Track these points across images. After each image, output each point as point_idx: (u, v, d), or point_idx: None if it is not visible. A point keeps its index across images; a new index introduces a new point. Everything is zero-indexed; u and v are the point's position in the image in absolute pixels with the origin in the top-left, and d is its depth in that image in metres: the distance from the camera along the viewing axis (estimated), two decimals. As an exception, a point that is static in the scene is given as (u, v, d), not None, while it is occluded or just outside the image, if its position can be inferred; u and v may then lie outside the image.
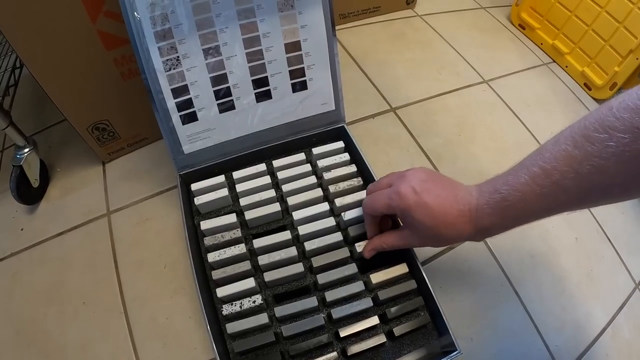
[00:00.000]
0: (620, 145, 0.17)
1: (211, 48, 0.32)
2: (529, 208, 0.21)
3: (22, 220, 0.43)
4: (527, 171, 0.21)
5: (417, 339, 0.31)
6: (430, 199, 0.24)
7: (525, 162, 0.22)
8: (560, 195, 0.20)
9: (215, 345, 0.28)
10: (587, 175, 0.19)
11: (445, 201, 0.24)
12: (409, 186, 0.25)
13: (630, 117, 0.17)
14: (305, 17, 0.34)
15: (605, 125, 0.18)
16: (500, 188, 0.22)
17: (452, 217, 0.24)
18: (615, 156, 0.17)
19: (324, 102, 0.38)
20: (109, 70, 0.37)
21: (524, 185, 0.21)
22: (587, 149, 0.18)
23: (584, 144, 0.19)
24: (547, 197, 0.20)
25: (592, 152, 0.18)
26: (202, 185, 0.35)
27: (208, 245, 0.32)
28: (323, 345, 0.29)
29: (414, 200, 0.25)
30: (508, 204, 0.22)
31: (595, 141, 0.18)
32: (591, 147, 0.18)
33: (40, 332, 0.35)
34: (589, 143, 0.18)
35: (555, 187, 0.20)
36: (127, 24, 0.30)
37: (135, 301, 0.36)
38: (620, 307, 0.41)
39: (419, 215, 0.25)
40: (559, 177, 0.20)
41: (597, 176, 0.18)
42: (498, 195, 0.22)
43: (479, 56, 0.62)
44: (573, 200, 0.20)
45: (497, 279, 0.40)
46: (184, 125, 0.34)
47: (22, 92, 0.46)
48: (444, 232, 0.25)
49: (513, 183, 0.22)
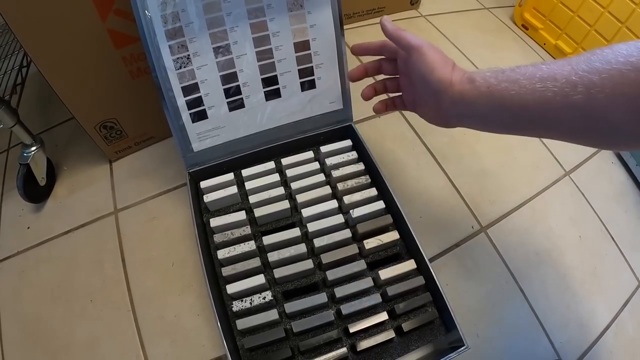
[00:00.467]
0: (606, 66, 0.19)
1: (221, 47, 0.32)
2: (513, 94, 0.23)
3: (28, 218, 0.43)
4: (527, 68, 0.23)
5: (425, 335, 0.31)
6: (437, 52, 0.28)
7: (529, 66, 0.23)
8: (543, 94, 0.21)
9: (225, 341, 0.28)
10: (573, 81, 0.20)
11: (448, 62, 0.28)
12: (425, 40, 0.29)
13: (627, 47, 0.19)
14: (314, 17, 0.34)
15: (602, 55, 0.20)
16: (502, 68, 0.24)
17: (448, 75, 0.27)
18: (599, 71, 0.19)
19: (332, 100, 0.38)
20: (117, 69, 0.38)
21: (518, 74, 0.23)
22: (580, 65, 0.20)
23: (579, 62, 0.20)
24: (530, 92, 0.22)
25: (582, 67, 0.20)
26: (211, 182, 0.35)
27: (218, 242, 0.33)
28: (333, 341, 0.30)
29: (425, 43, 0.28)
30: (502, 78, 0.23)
31: (588, 61, 0.20)
32: (585, 64, 0.20)
33: (47, 330, 0.35)
34: (584, 64, 0.20)
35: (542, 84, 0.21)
36: (138, 22, 0.30)
37: (143, 299, 0.37)
38: (623, 305, 0.42)
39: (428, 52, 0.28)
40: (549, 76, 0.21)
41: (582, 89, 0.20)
42: (497, 69, 0.24)
43: (483, 56, 0.62)
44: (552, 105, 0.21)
45: (502, 276, 0.40)
46: (193, 123, 0.34)
47: (29, 91, 0.46)
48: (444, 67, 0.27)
49: (513, 68, 0.23)
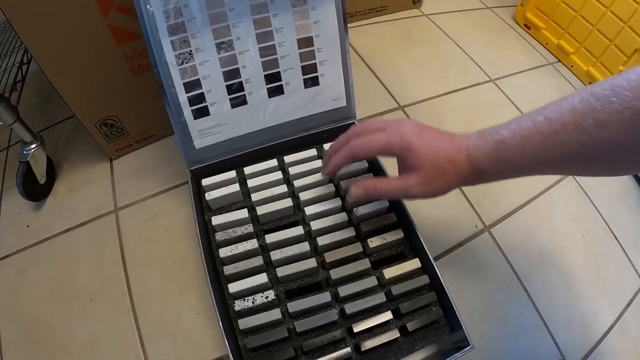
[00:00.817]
0: (623, 102, 0.18)
1: (224, 42, 0.32)
2: (527, 155, 0.22)
3: (28, 216, 0.42)
4: (531, 119, 0.22)
5: (430, 334, 0.31)
6: (429, 137, 0.25)
7: (530, 113, 0.22)
8: (559, 147, 0.20)
9: (227, 341, 0.27)
10: (587, 129, 0.19)
11: (443, 139, 0.25)
12: (409, 127, 0.26)
13: (637, 77, 0.18)
14: (317, 13, 0.34)
15: (613, 85, 0.19)
16: (501, 131, 0.23)
17: (452, 152, 0.24)
18: (618, 112, 0.18)
19: (336, 98, 0.38)
20: (118, 66, 0.37)
21: (525, 130, 0.22)
22: (591, 103, 0.19)
23: (590, 99, 0.19)
24: (546, 147, 0.21)
25: (595, 107, 0.19)
26: (213, 180, 0.35)
27: (219, 241, 0.32)
28: (336, 341, 0.29)
29: (416, 138, 0.25)
30: (506, 147, 0.22)
31: (600, 96, 0.19)
32: (596, 101, 0.19)
33: (47, 329, 0.35)
34: (595, 99, 0.19)
35: (555, 137, 0.20)
36: (140, 18, 0.29)
37: (144, 298, 0.36)
38: (627, 305, 0.41)
39: (422, 151, 0.25)
40: (560, 127, 0.20)
41: (597, 130, 0.19)
42: (498, 136, 0.23)
43: (485, 55, 0.62)
44: (569, 154, 0.20)
45: (506, 275, 0.40)
46: (195, 120, 0.34)
47: (30, 88, 0.46)
48: (446, 168, 0.24)
49: (515, 128, 0.22)
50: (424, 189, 0.25)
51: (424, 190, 0.25)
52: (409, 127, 0.26)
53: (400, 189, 0.26)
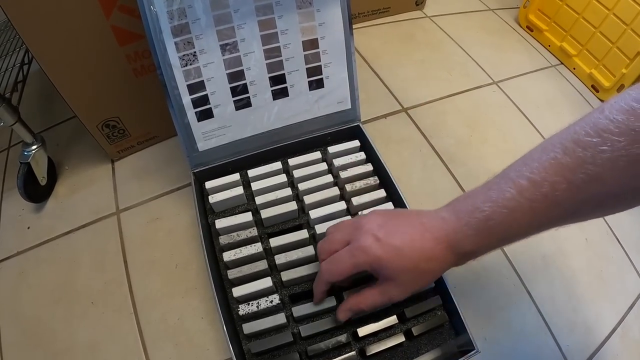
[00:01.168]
0: (616, 149, 0.16)
1: (228, 44, 0.32)
2: (517, 226, 0.19)
3: (28, 218, 0.42)
4: (513, 184, 0.19)
5: (435, 339, 0.31)
6: (397, 241, 0.22)
7: (509, 173, 0.20)
8: (552, 209, 0.18)
9: (231, 345, 0.27)
10: (580, 185, 0.17)
11: (415, 235, 0.22)
12: (369, 236, 0.22)
13: (626, 118, 0.15)
14: (323, 15, 0.33)
15: (598, 129, 0.16)
16: (481, 206, 0.20)
17: (428, 249, 0.21)
18: (611, 162, 0.16)
19: (340, 100, 0.38)
20: (121, 67, 0.37)
21: (510, 200, 0.19)
22: (578, 155, 0.17)
23: (575, 149, 0.17)
24: (537, 212, 0.18)
25: (584, 159, 0.17)
26: (216, 183, 0.35)
27: (223, 244, 0.32)
28: (341, 345, 0.29)
29: (381, 249, 0.22)
30: (493, 223, 0.19)
31: (587, 146, 0.17)
32: (583, 152, 0.17)
33: (47, 332, 0.35)
34: (581, 148, 0.17)
35: (546, 201, 0.18)
36: (144, 18, 0.29)
37: (146, 301, 0.36)
38: (629, 308, 0.41)
39: (392, 262, 0.22)
40: (549, 188, 0.18)
41: (592, 185, 0.17)
42: (480, 214, 0.20)
43: (488, 57, 0.62)
44: (565, 214, 0.18)
45: (509, 279, 0.40)
46: (199, 122, 0.34)
47: (31, 89, 0.45)
48: (425, 268, 0.22)
49: (497, 198, 0.19)
50: (407, 293, 0.24)
51: (409, 293, 0.24)
52: (370, 235, 0.22)
53: (383, 301, 0.25)
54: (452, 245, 0.21)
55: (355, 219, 0.25)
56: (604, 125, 0.16)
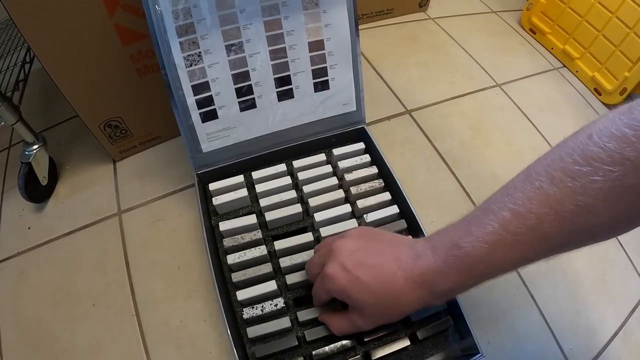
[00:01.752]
0: (609, 179, 0.15)
1: (234, 44, 0.32)
2: (499, 262, 0.18)
3: (29, 218, 0.42)
4: (495, 217, 0.17)
5: (439, 342, 0.31)
6: (364, 274, 0.21)
7: (490, 205, 0.18)
8: (538, 243, 0.17)
9: (235, 349, 0.27)
10: (570, 217, 0.16)
11: (385, 270, 0.21)
12: (337, 264, 0.22)
13: (618, 146, 0.14)
14: (329, 16, 0.33)
15: (588, 157, 0.15)
16: (460, 241, 0.18)
17: (397, 287, 0.20)
18: (604, 192, 0.15)
19: (345, 102, 0.37)
20: (124, 66, 0.37)
21: (491, 234, 0.17)
22: (567, 185, 0.15)
23: (563, 179, 0.16)
24: (521, 246, 0.17)
25: (574, 189, 0.15)
26: (220, 185, 0.35)
27: (227, 247, 0.32)
28: (346, 349, 0.29)
29: (346, 280, 0.21)
30: (472, 260, 0.18)
31: (577, 175, 0.15)
32: (572, 182, 0.15)
33: (48, 333, 0.34)
34: (570, 178, 0.15)
35: (532, 234, 0.17)
36: (148, 18, 0.29)
37: (148, 303, 0.36)
38: (632, 311, 0.41)
39: (356, 294, 0.21)
40: (535, 221, 0.16)
41: (583, 217, 0.16)
42: (459, 251, 0.18)
43: (491, 60, 0.62)
44: (552, 247, 0.17)
45: (513, 282, 0.40)
46: (203, 123, 0.33)
47: (32, 88, 0.45)
48: (391, 304, 0.21)
49: (478, 233, 0.18)
50: (374, 324, 0.23)
51: (375, 325, 0.23)
52: (338, 264, 0.22)
53: (350, 329, 0.25)
54: (428, 284, 0.20)
55: (332, 240, 0.25)
56: (594, 154, 0.15)
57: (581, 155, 0.15)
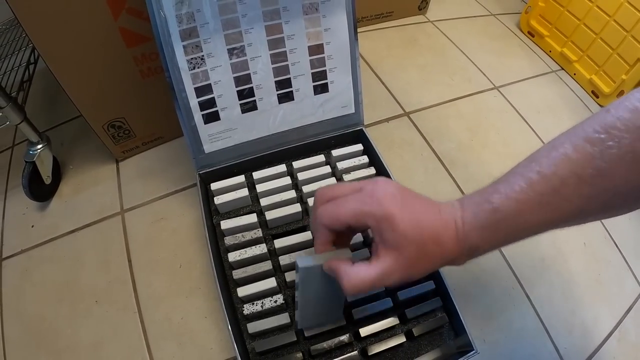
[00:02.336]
0: (622, 145, 0.16)
1: (236, 48, 0.32)
2: (523, 221, 0.19)
3: (33, 217, 0.42)
4: (523, 178, 0.19)
5: (435, 339, 0.32)
6: (414, 206, 0.20)
7: (518, 170, 0.19)
8: (560, 205, 0.18)
9: (235, 344, 0.28)
10: (589, 180, 0.17)
11: (429, 210, 0.20)
12: (389, 190, 0.20)
13: (631, 117, 0.16)
14: (329, 21, 0.34)
15: (606, 126, 0.17)
16: (490, 197, 0.19)
17: (441, 229, 0.19)
18: (618, 157, 0.17)
19: (345, 105, 0.38)
20: (128, 68, 0.37)
21: (519, 193, 0.18)
22: (587, 151, 0.17)
23: (584, 145, 0.17)
24: (545, 207, 0.18)
25: (593, 154, 0.17)
26: (221, 185, 0.35)
27: (228, 245, 0.32)
28: (343, 345, 0.30)
29: (397, 207, 0.19)
30: (500, 216, 0.19)
31: (595, 142, 0.17)
32: (592, 148, 0.17)
33: (51, 330, 0.35)
34: (590, 144, 0.17)
35: (555, 195, 0.18)
36: (152, 22, 0.29)
37: (150, 300, 0.36)
38: (627, 311, 0.42)
39: (404, 223, 0.19)
40: (558, 183, 0.18)
41: (599, 180, 0.17)
42: (488, 205, 0.19)
43: (490, 62, 0.62)
44: (572, 210, 0.18)
45: (508, 281, 0.40)
46: (205, 124, 0.34)
47: (36, 88, 0.46)
48: (431, 251, 0.19)
49: (506, 191, 0.19)
50: (405, 274, 0.20)
51: (404, 277, 0.20)
52: (389, 191, 0.20)
53: (377, 281, 0.20)
54: (460, 236, 0.20)
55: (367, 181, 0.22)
56: (611, 123, 0.17)
57: (600, 125, 0.17)
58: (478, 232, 0.19)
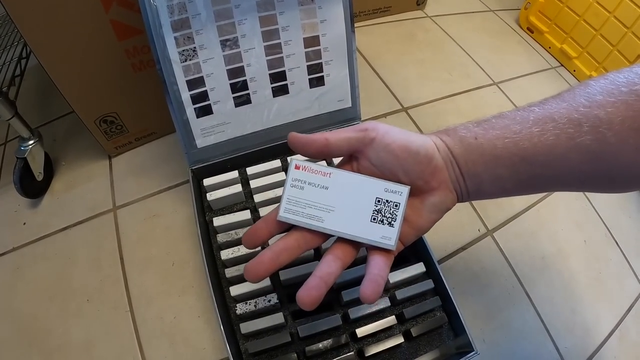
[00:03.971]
0: (623, 101, 0.18)
1: (229, 40, 0.32)
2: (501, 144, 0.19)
3: (24, 214, 0.41)
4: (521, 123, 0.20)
5: (434, 340, 0.31)
6: (408, 133, 0.20)
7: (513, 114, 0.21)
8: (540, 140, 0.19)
9: (228, 345, 0.27)
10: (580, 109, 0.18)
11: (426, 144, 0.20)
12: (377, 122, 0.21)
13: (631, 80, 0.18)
14: (325, 12, 0.33)
15: (610, 80, 0.19)
16: (473, 128, 0.21)
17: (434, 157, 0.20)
18: (619, 110, 0.18)
19: (341, 98, 0.37)
20: (120, 62, 0.37)
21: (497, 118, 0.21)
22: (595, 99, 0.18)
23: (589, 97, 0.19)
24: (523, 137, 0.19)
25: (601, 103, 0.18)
26: (214, 180, 0.34)
27: (221, 242, 0.32)
28: (340, 346, 0.29)
29: (386, 127, 0.20)
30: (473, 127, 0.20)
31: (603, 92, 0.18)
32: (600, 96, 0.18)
33: (42, 329, 0.34)
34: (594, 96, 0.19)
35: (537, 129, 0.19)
36: (143, 13, 0.29)
37: (142, 299, 0.36)
38: (627, 310, 0.41)
39: (391, 134, 0.20)
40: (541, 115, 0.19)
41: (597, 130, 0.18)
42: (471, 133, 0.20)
43: (489, 58, 0.62)
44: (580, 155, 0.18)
45: (508, 280, 0.40)
46: (198, 118, 0.33)
47: (28, 84, 0.45)
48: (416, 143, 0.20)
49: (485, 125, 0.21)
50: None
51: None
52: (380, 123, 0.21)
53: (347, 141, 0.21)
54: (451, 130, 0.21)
55: None
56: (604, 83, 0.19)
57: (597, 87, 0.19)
58: (456, 139, 0.20)
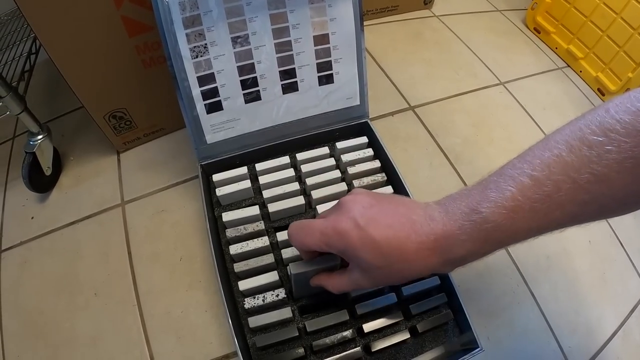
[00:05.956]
0: (622, 150, 0.15)
1: (240, 37, 0.32)
2: (514, 229, 0.18)
3: (32, 208, 0.42)
4: (514, 182, 0.17)
5: (439, 336, 0.31)
6: (378, 233, 0.19)
7: (507, 171, 0.18)
8: (554, 211, 0.17)
9: (236, 339, 0.27)
10: (585, 186, 0.16)
11: (399, 232, 0.19)
12: (350, 218, 0.20)
13: (632, 120, 0.15)
14: (334, 10, 0.33)
15: (604, 128, 0.16)
16: (478, 207, 0.18)
17: (410, 251, 0.19)
18: (617, 163, 0.15)
19: (349, 96, 0.37)
20: (130, 58, 0.37)
21: (510, 200, 0.17)
22: (584, 154, 0.16)
23: (581, 147, 0.16)
24: (537, 213, 0.17)
25: (590, 158, 0.16)
26: (224, 176, 0.35)
27: (230, 237, 0.32)
28: (346, 341, 0.29)
29: (357, 237, 0.20)
30: (490, 227, 0.18)
31: (593, 145, 0.16)
32: (589, 151, 0.16)
33: (49, 323, 0.35)
34: (587, 147, 0.16)
35: (548, 201, 0.17)
36: (155, 9, 0.29)
37: (149, 294, 0.36)
38: (631, 311, 0.41)
39: (366, 254, 0.20)
40: (552, 188, 0.17)
41: (597, 186, 0.16)
42: (477, 216, 0.18)
43: (495, 58, 0.62)
44: (566, 217, 0.17)
45: (513, 279, 0.40)
46: (208, 114, 0.34)
47: (37, 79, 0.45)
48: (401, 269, 0.20)
49: (496, 198, 0.17)
50: (376, 285, 0.23)
51: (378, 286, 0.23)
52: (350, 220, 0.20)
53: (351, 287, 0.23)
54: (441, 251, 0.19)
55: (341, 199, 0.23)
56: (610, 125, 0.16)
57: (598, 127, 0.16)
58: (464, 245, 0.19)
